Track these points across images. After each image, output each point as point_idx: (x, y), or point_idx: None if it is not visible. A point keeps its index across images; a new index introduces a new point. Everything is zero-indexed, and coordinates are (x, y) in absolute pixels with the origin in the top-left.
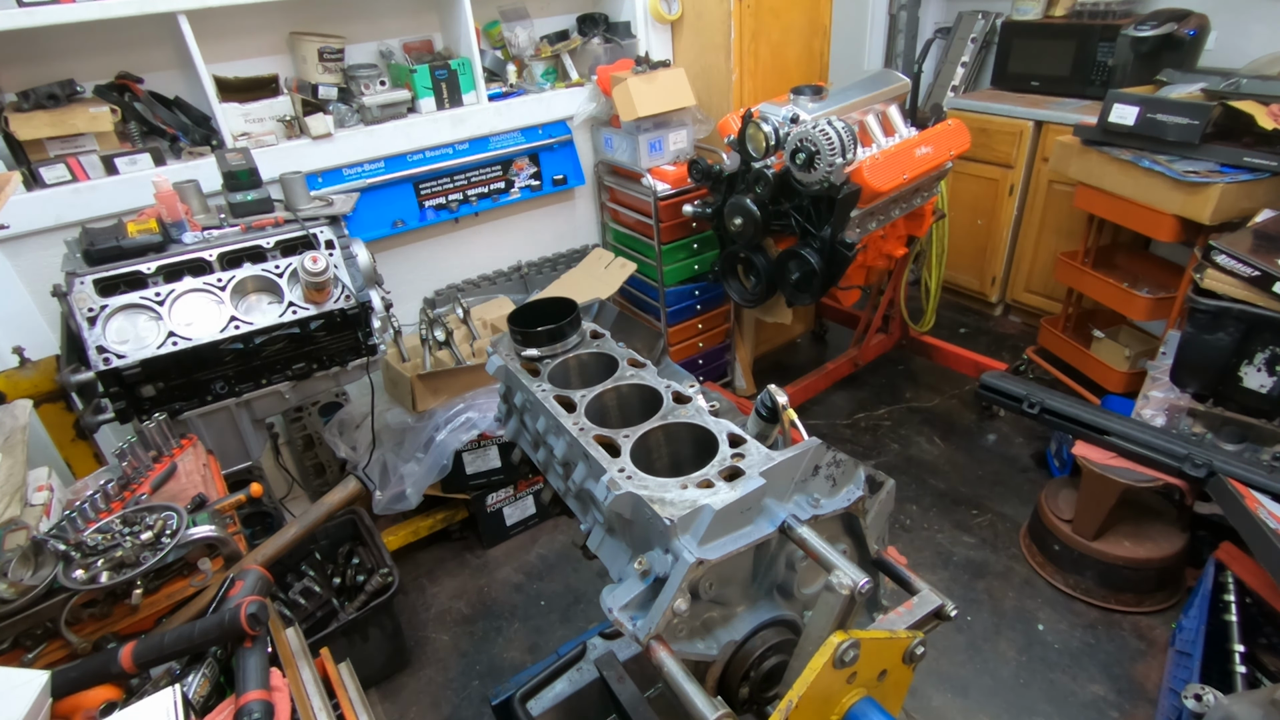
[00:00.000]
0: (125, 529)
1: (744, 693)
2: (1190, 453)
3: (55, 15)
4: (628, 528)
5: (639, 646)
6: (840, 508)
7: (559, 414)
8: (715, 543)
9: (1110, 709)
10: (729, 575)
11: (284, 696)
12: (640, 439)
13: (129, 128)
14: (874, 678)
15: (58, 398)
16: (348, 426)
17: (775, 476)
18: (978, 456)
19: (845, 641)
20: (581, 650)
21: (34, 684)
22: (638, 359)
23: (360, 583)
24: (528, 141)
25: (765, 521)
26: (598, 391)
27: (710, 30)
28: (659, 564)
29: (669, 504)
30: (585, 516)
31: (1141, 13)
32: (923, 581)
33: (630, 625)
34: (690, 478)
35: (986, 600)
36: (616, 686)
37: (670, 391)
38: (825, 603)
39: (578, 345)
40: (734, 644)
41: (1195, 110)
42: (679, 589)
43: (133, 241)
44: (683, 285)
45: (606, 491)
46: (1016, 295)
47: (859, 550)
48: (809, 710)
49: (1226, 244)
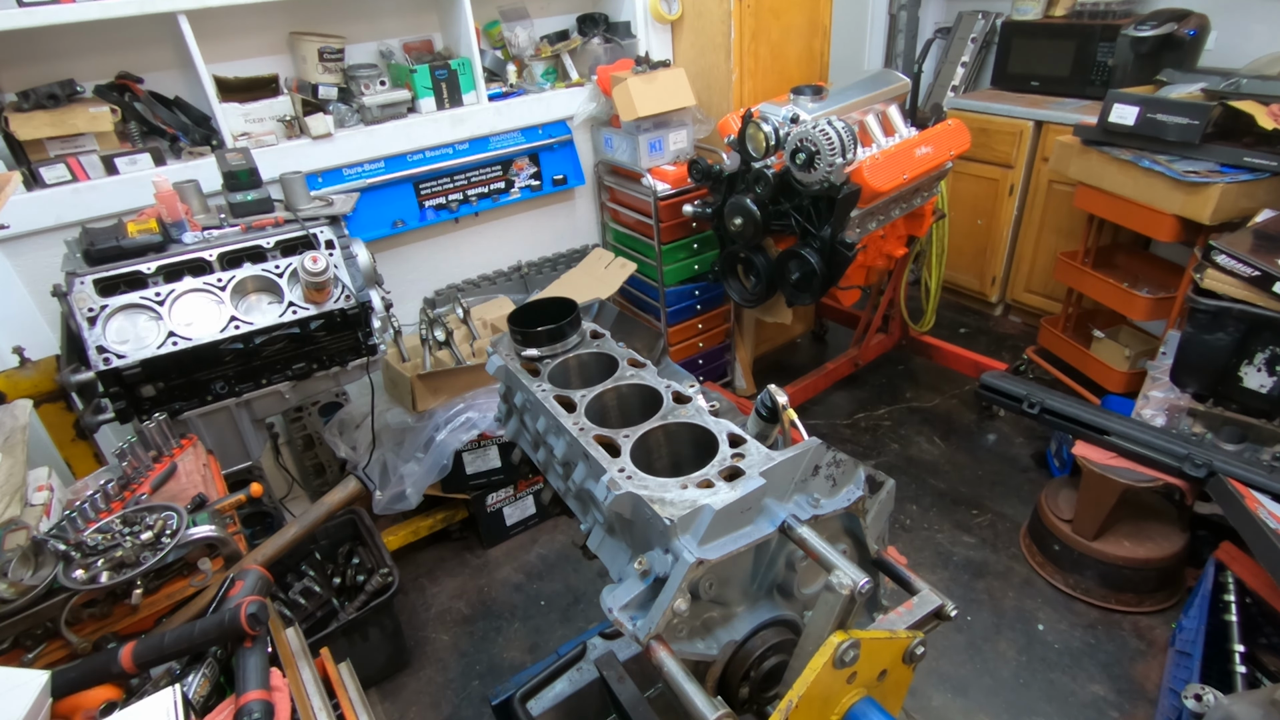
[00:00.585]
0: (125, 529)
1: (744, 693)
2: (1190, 453)
3: (55, 15)
4: (628, 528)
5: (639, 646)
6: (840, 508)
7: (559, 414)
8: (715, 543)
9: (1110, 709)
10: (729, 575)
11: (284, 696)
12: (640, 439)
13: (129, 128)
14: (874, 678)
15: (58, 398)
16: (348, 426)
17: (775, 476)
18: (978, 456)
19: (845, 641)
20: (581, 650)
21: (34, 684)
22: (638, 359)
23: (360, 583)
24: (528, 141)
25: (765, 521)
26: (598, 391)
27: (710, 30)
28: (659, 564)
29: (669, 504)
30: (585, 516)
31: (1141, 13)
32: (923, 582)
33: (630, 625)
34: (690, 478)
35: (986, 600)
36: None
37: (670, 391)
38: (825, 603)
39: (578, 345)
40: (734, 644)
41: (1195, 110)
42: (679, 589)
43: (133, 241)
44: (683, 285)
45: (606, 491)
46: (1016, 295)
47: (859, 550)
48: (809, 710)
49: (1226, 244)
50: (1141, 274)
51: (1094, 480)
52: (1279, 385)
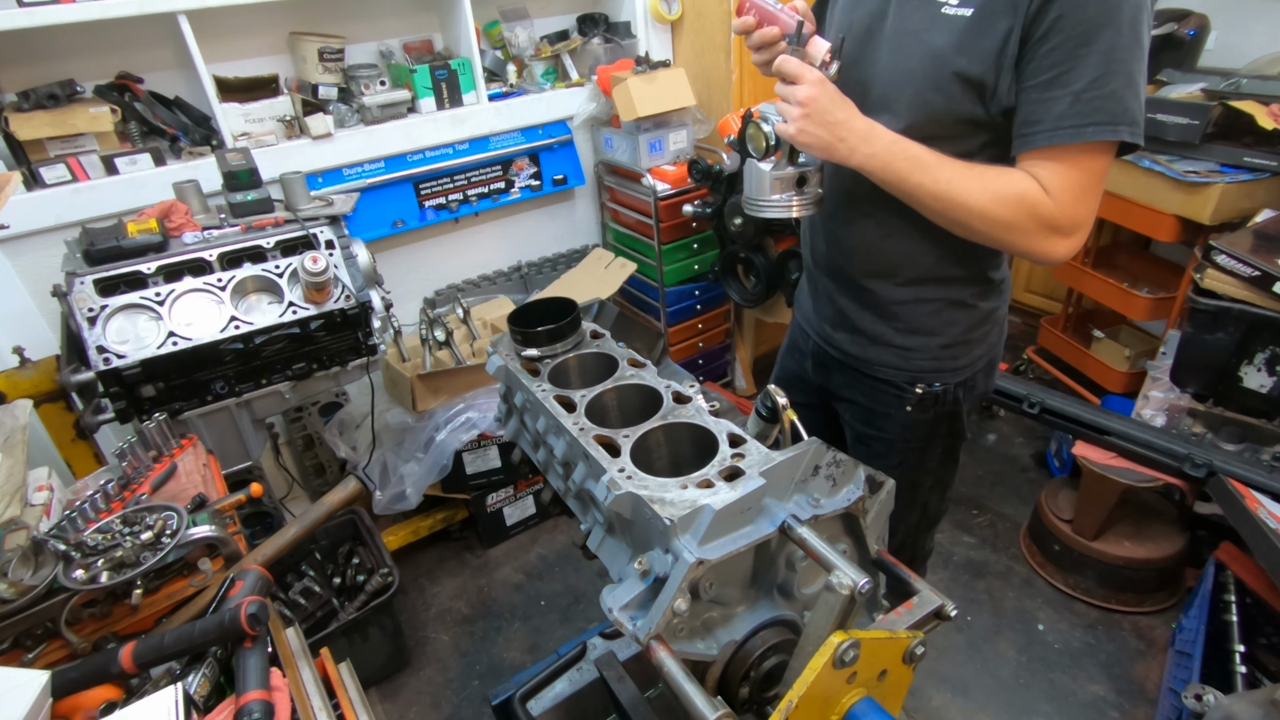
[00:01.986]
0: (125, 529)
1: (744, 693)
2: (1190, 453)
3: (55, 15)
4: (628, 528)
5: (639, 646)
6: (840, 508)
7: (559, 414)
8: (715, 542)
9: (1110, 709)
10: (729, 575)
11: (284, 696)
12: (640, 439)
13: (129, 128)
14: (874, 677)
15: (58, 398)
16: (348, 426)
17: (775, 476)
18: (978, 456)
19: (845, 641)
20: (582, 650)
21: (34, 684)
22: (638, 359)
23: (360, 583)
24: (528, 141)
25: (765, 521)
26: (598, 391)
27: (710, 30)
28: (659, 564)
29: (669, 504)
30: (585, 516)
31: None
32: (923, 582)
33: (630, 625)
34: (690, 477)
35: (986, 600)
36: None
37: (670, 391)
38: (825, 603)
39: (578, 345)
40: (734, 644)
41: (1195, 110)
42: (679, 589)
43: (133, 241)
44: (683, 285)
45: (606, 491)
46: (1016, 295)
47: (859, 550)
48: (809, 710)
49: (1226, 244)
50: (1141, 274)
51: (1094, 480)
52: (1279, 385)
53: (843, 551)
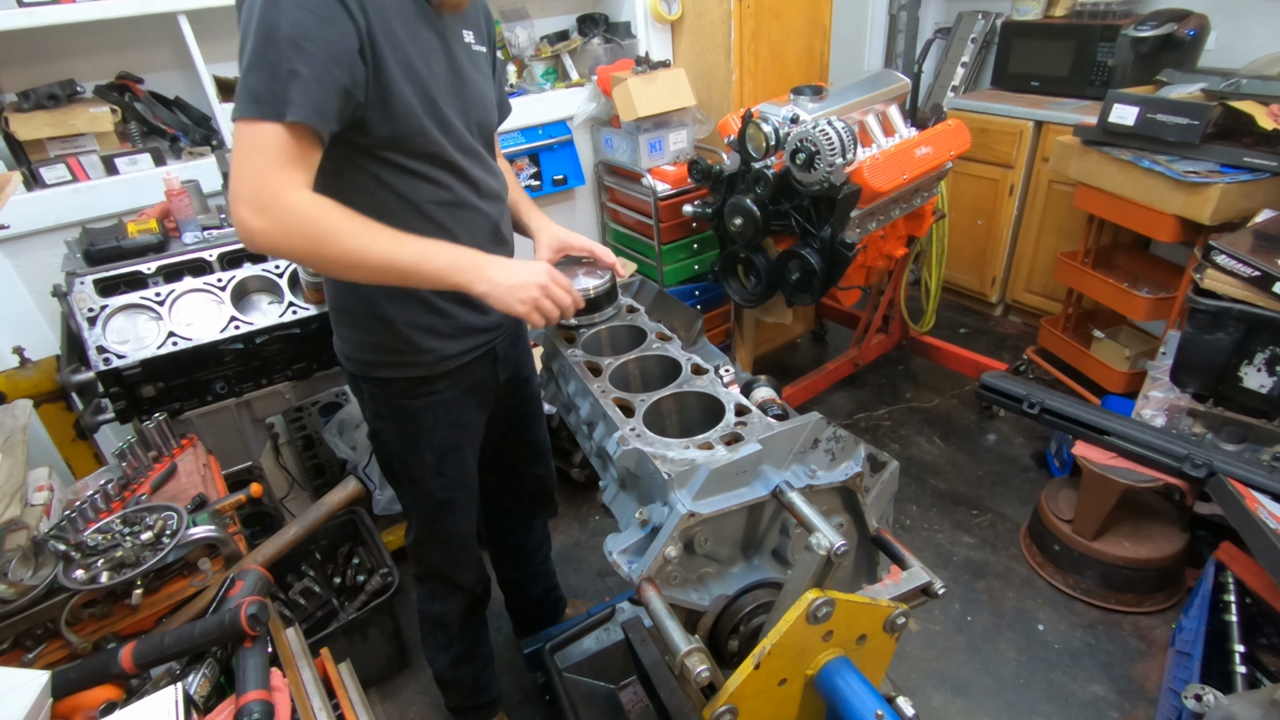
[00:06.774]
0: (125, 529)
1: (733, 645)
2: (1190, 453)
3: (55, 15)
4: (635, 483)
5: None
6: (837, 481)
7: (586, 377)
8: (709, 499)
9: (1110, 709)
10: (724, 534)
11: (284, 696)
12: (654, 404)
13: (129, 128)
14: (852, 640)
15: (58, 398)
16: (348, 426)
17: (773, 444)
18: (978, 456)
19: (819, 599)
20: (610, 613)
21: (34, 684)
22: (665, 333)
23: (360, 583)
24: (528, 141)
25: (760, 485)
26: (623, 360)
27: (710, 30)
28: (657, 515)
29: (669, 461)
30: (604, 474)
31: (1141, 13)
32: (917, 560)
33: (626, 567)
34: (693, 440)
35: (986, 600)
36: (640, 649)
37: (690, 364)
38: (804, 561)
39: (613, 317)
40: (725, 598)
41: (1195, 110)
42: (671, 537)
43: (133, 242)
44: (683, 285)
45: (617, 447)
46: (1016, 295)
47: (858, 526)
48: (783, 658)
49: (1226, 244)
50: (1141, 274)
51: (1094, 480)
52: (1279, 385)
53: (839, 525)
